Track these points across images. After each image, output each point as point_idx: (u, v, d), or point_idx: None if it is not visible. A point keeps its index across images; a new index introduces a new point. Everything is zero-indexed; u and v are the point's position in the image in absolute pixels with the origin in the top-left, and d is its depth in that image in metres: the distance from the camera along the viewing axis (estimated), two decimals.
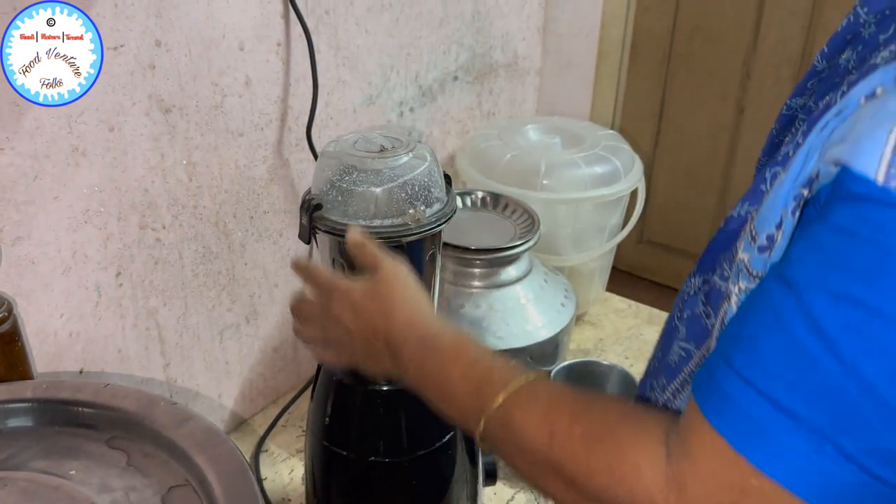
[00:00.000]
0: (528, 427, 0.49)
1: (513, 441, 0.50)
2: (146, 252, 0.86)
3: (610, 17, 1.84)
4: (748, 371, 0.38)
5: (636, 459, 0.42)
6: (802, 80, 0.55)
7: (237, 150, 0.92)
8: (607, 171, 1.19)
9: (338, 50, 1.01)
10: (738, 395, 0.38)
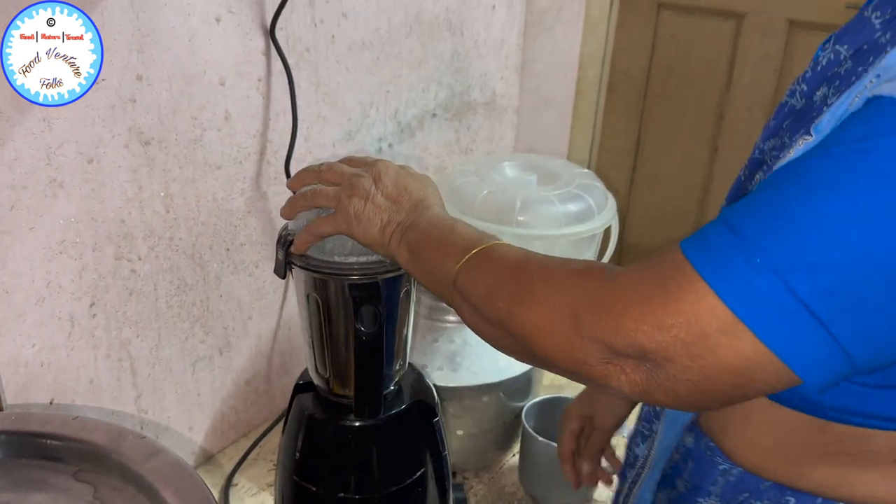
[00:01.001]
0: (476, 283, 0.56)
1: (468, 296, 0.57)
2: (121, 283, 0.86)
3: (587, 57, 1.88)
4: (735, 220, 0.43)
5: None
6: (775, 123, 0.57)
7: (215, 183, 0.93)
8: (581, 209, 1.21)
9: (318, 86, 1.03)
10: (720, 242, 0.43)
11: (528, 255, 0.56)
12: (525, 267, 0.54)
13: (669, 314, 0.43)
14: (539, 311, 0.50)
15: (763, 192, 0.45)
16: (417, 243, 0.63)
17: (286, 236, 0.72)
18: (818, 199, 0.41)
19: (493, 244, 0.59)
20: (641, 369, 0.45)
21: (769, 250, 0.41)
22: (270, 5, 0.91)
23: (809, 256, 0.40)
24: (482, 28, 1.31)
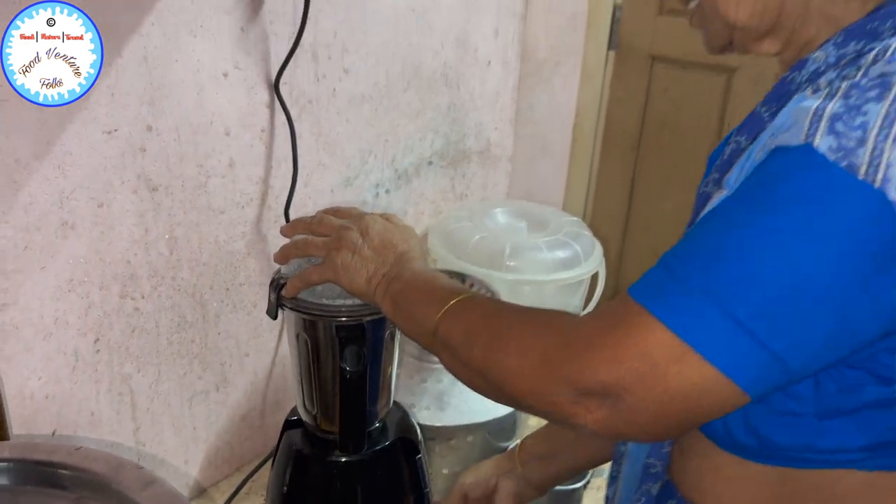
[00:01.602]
0: (455, 331, 0.62)
1: (448, 344, 0.62)
2: (124, 320, 0.91)
3: (584, 107, 1.95)
4: (672, 259, 0.50)
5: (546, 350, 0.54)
6: (723, 163, 0.63)
7: (217, 227, 0.99)
8: (569, 256, 1.26)
9: (319, 136, 1.09)
10: (661, 280, 0.49)
11: (501, 306, 0.62)
12: (498, 317, 0.59)
13: (623, 349, 0.49)
14: (511, 358, 0.55)
15: (693, 234, 0.51)
16: (401, 294, 0.68)
17: (278, 280, 0.77)
18: (739, 233, 0.48)
19: (471, 295, 0.64)
20: (605, 406, 0.50)
21: (705, 282, 0.47)
22: (276, 61, 0.98)
23: (738, 284, 0.47)
24: (478, 82, 1.38)
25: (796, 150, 0.47)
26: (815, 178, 0.46)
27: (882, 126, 0.45)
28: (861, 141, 0.45)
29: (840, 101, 0.47)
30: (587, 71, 1.91)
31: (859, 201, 0.45)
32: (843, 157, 0.45)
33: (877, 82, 0.47)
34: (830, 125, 0.46)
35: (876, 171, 0.45)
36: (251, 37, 0.94)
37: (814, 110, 0.47)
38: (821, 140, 0.46)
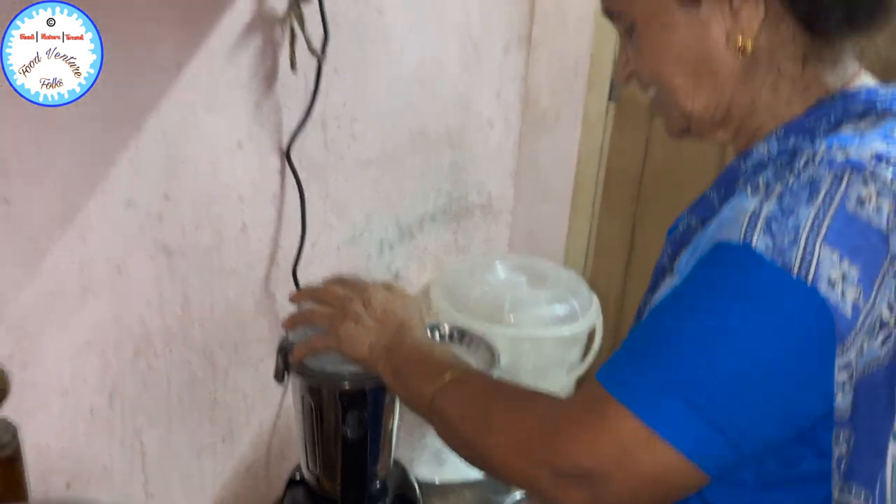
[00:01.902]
0: (448, 407, 0.66)
1: (441, 417, 0.67)
2: (138, 377, 0.95)
3: (585, 155, 2.00)
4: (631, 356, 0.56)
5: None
6: (676, 241, 0.68)
7: (228, 287, 1.03)
8: (567, 311, 1.30)
9: (326, 198, 1.14)
10: (627, 370, 0.55)
11: (491, 386, 0.67)
12: (488, 397, 0.65)
13: (598, 436, 0.54)
14: (498, 439, 0.60)
15: (652, 323, 0.57)
16: (400, 364, 0.73)
17: (286, 346, 0.82)
18: (692, 327, 0.53)
19: (464, 371, 0.69)
20: (584, 487, 0.55)
21: (666, 373, 0.53)
22: (287, 131, 1.03)
23: (695, 375, 0.52)
24: (480, 141, 1.43)
25: (737, 248, 0.52)
26: (754, 276, 0.51)
27: (812, 227, 0.50)
28: (794, 241, 0.50)
29: (775, 202, 0.52)
30: (588, 121, 1.96)
31: (795, 297, 0.50)
32: (778, 255, 0.50)
33: (807, 186, 0.52)
34: (766, 226, 0.51)
35: (808, 269, 0.50)
36: (265, 109, 0.99)
37: (751, 211, 0.52)
38: (758, 240, 0.51)
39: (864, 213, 0.50)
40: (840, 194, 0.51)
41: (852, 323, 0.50)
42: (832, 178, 0.51)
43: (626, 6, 0.63)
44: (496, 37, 1.39)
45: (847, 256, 0.50)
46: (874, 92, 0.60)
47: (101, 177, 0.85)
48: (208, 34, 0.90)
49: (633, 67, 0.66)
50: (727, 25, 0.60)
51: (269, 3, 0.95)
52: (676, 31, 0.61)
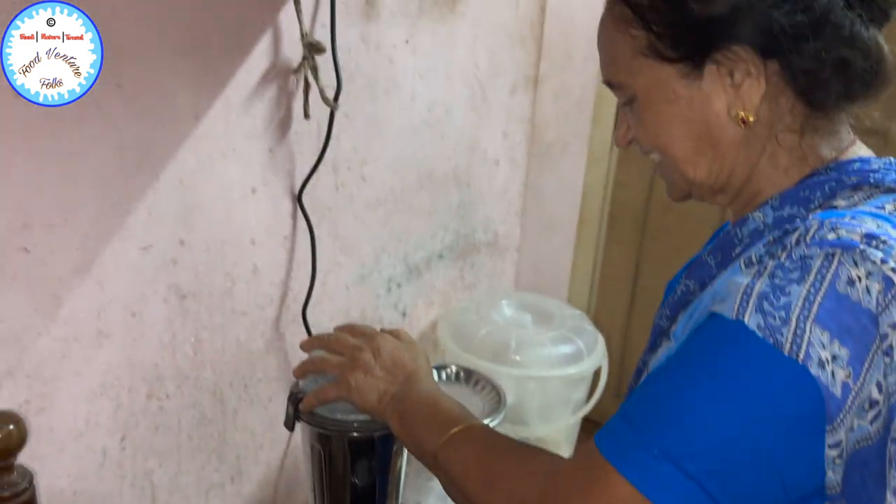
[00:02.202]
0: (452, 462, 0.68)
1: (445, 470, 0.68)
2: (150, 419, 0.97)
3: (590, 188, 2.02)
4: (632, 416, 0.56)
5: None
6: (674, 303, 0.69)
7: (240, 328, 1.05)
8: (572, 351, 1.31)
9: (336, 238, 1.16)
10: (624, 437, 0.55)
11: (494, 442, 0.68)
12: (490, 454, 0.66)
13: (595, 502, 0.55)
14: (498, 497, 0.61)
15: (648, 391, 0.58)
16: (407, 414, 0.74)
17: (296, 394, 0.83)
18: (688, 398, 0.54)
19: (469, 425, 0.70)
20: None
21: (663, 443, 0.54)
22: (299, 176, 1.05)
23: (690, 445, 0.53)
24: (487, 180, 1.45)
25: (730, 324, 0.53)
26: (747, 352, 0.53)
27: (803, 307, 0.51)
28: (785, 321, 0.51)
29: (767, 280, 0.53)
30: (594, 154, 1.99)
31: (786, 375, 0.51)
32: (769, 334, 0.52)
33: (798, 264, 0.53)
34: (759, 303, 0.52)
35: (799, 348, 0.51)
36: (278, 156, 1.02)
37: (744, 287, 0.54)
38: (750, 318, 0.52)
39: (855, 293, 0.51)
40: (831, 274, 0.52)
41: (842, 403, 0.51)
42: (823, 257, 0.52)
43: (628, 79, 0.64)
44: (504, 78, 1.41)
45: (837, 338, 0.51)
46: (868, 162, 0.62)
47: (119, 225, 0.87)
48: (225, 85, 0.93)
49: (635, 135, 0.67)
50: (728, 98, 0.61)
51: (284, 54, 0.98)
52: (678, 104, 0.62)
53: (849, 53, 0.59)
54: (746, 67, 0.60)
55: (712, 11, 0.59)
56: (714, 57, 0.60)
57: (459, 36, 1.26)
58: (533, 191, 1.71)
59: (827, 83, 0.60)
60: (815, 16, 0.58)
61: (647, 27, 0.62)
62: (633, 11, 0.62)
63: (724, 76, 0.61)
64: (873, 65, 0.60)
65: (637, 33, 0.62)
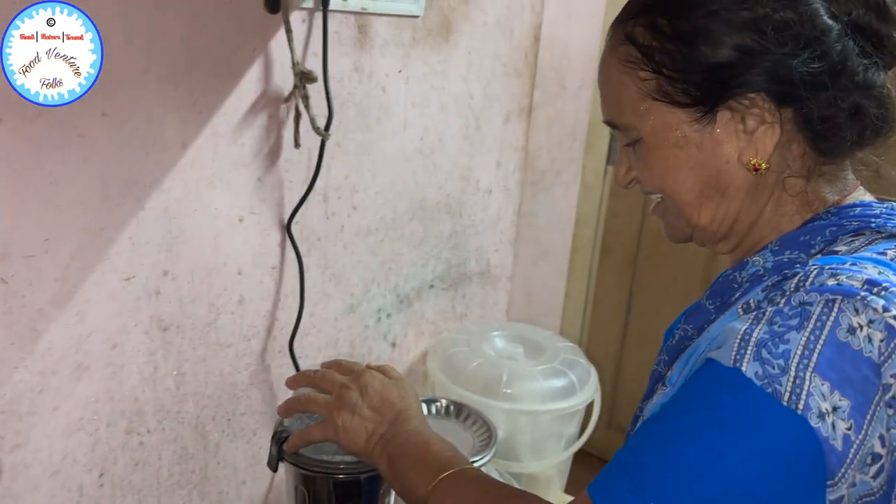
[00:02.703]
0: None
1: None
2: (129, 454, 0.94)
3: (583, 216, 2.01)
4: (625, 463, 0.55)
5: None
6: (671, 348, 0.67)
7: (223, 360, 1.02)
8: (564, 385, 1.29)
9: (325, 268, 1.14)
10: (617, 487, 0.53)
11: (486, 488, 0.65)
12: (483, 500, 0.63)
13: None
14: None
15: (644, 441, 0.56)
16: (396, 456, 0.72)
17: (280, 433, 0.80)
18: (684, 449, 0.52)
19: (461, 470, 0.68)
20: None
21: (656, 491, 0.52)
22: (289, 205, 1.04)
23: (686, 495, 0.51)
24: (479, 209, 1.44)
25: (727, 371, 0.51)
26: (743, 402, 0.50)
27: (802, 355, 0.49)
28: (784, 369, 0.49)
29: (765, 327, 0.51)
30: (587, 183, 1.98)
31: (784, 425, 0.49)
32: (768, 383, 0.50)
33: (798, 311, 0.51)
34: (757, 351, 0.50)
35: (798, 399, 0.49)
36: (267, 185, 1.00)
37: (742, 334, 0.52)
38: (748, 366, 0.50)
39: (856, 342, 0.49)
40: (831, 322, 0.50)
41: (843, 456, 0.49)
42: (823, 304, 0.51)
43: (635, 120, 0.62)
44: (497, 108, 1.40)
45: (838, 388, 0.49)
46: (869, 207, 0.60)
47: (101, 255, 0.85)
48: (214, 113, 0.91)
49: (638, 176, 0.65)
50: (741, 144, 0.59)
51: (275, 83, 0.96)
52: (688, 148, 0.60)
53: (863, 100, 0.58)
54: (761, 114, 0.58)
55: (724, 57, 0.57)
56: (728, 103, 0.58)
57: (453, 65, 1.25)
58: (526, 219, 1.71)
59: (841, 130, 0.59)
60: (832, 63, 0.57)
61: (657, 70, 0.60)
62: (641, 53, 0.60)
63: (737, 122, 0.59)
64: (885, 111, 0.59)
65: (646, 76, 0.60)
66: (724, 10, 0.57)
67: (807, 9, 0.57)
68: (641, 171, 0.64)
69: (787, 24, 0.56)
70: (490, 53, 1.33)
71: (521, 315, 1.73)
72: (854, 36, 0.57)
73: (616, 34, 0.63)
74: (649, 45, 0.60)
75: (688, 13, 0.58)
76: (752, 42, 0.57)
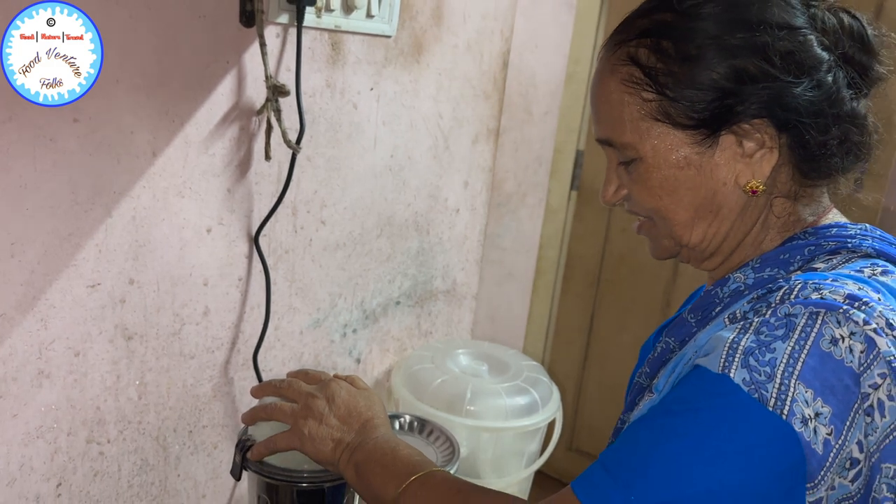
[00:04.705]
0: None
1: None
2: (88, 464, 0.93)
3: (547, 239, 2.05)
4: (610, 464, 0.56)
5: None
6: (654, 360, 0.69)
7: (187, 371, 1.02)
8: (527, 403, 1.30)
9: (292, 282, 1.15)
10: (601, 483, 0.55)
11: (458, 487, 0.66)
12: (455, 499, 0.64)
13: None
14: None
15: (629, 442, 0.57)
16: (363, 464, 0.72)
17: (245, 441, 0.80)
18: (670, 449, 0.54)
19: (429, 472, 0.68)
20: None
21: (639, 491, 0.53)
22: (258, 217, 1.04)
23: (669, 494, 0.53)
24: (447, 227, 1.46)
25: (716, 377, 0.53)
26: (731, 406, 0.53)
27: (787, 363, 0.52)
28: (770, 376, 0.52)
29: (752, 336, 0.54)
30: (551, 207, 2.02)
31: (769, 429, 0.52)
32: (754, 389, 0.52)
33: (783, 322, 0.54)
34: (744, 359, 0.53)
35: (783, 404, 0.51)
36: (236, 196, 1.01)
37: (730, 342, 0.54)
38: (736, 372, 0.53)
39: (838, 352, 0.52)
40: (815, 332, 0.53)
41: (823, 460, 0.51)
42: (808, 315, 0.53)
43: (635, 140, 0.62)
44: (466, 129, 1.43)
45: (821, 395, 0.51)
46: (844, 227, 0.63)
47: (67, 261, 0.84)
48: (185, 123, 0.92)
49: (631, 196, 0.65)
50: (738, 167, 0.61)
51: (248, 95, 0.97)
52: (688, 170, 0.61)
53: (849, 128, 0.61)
54: (762, 139, 0.60)
55: (729, 82, 0.59)
56: (732, 128, 0.60)
57: (423, 85, 1.28)
58: (491, 241, 1.73)
59: (831, 156, 0.61)
60: (829, 91, 0.59)
61: (660, 92, 0.60)
62: (645, 74, 0.61)
63: (737, 146, 0.61)
64: (866, 139, 0.62)
65: (650, 97, 0.61)
66: (728, 36, 0.59)
67: (803, 39, 0.59)
68: (636, 191, 0.64)
69: (790, 52, 0.58)
70: (460, 76, 1.36)
71: (485, 334, 1.75)
72: (844, 67, 0.60)
73: (616, 54, 0.63)
74: (654, 66, 0.60)
75: (693, 37, 0.60)
76: (755, 69, 0.58)
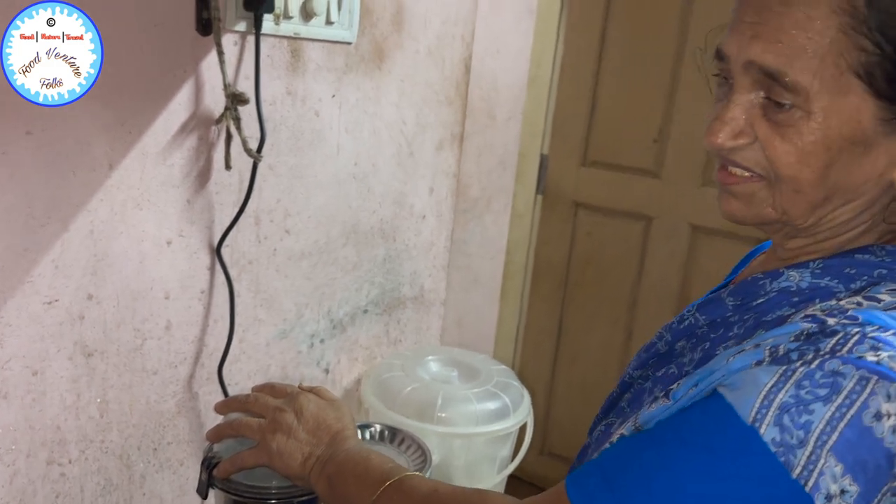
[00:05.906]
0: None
1: None
2: (49, 486, 0.90)
3: (514, 244, 2.05)
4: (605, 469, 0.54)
5: None
6: (645, 356, 0.69)
7: (149, 388, 0.99)
8: (498, 407, 1.30)
9: (257, 293, 1.13)
10: (598, 493, 0.53)
11: (435, 488, 0.64)
12: (433, 499, 0.62)
13: None
14: None
15: (632, 451, 0.55)
16: (335, 476, 0.71)
17: (211, 458, 0.78)
18: (675, 483, 0.52)
19: (404, 476, 0.67)
20: None
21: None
22: (219, 227, 1.02)
23: None
24: (413, 234, 1.45)
25: (744, 428, 0.49)
26: (754, 466, 0.50)
27: (823, 431, 0.48)
28: (802, 442, 0.48)
29: (792, 389, 0.49)
30: (517, 211, 2.02)
31: (788, 499, 0.49)
32: (783, 452, 0.49)
33: (829, 381, 0.49)
34: (779, 415, 0.49)
35: (809, 475, 0.48)
36: (196, 207, 0.99)
37: (766, 392, 0.50)
38: (767, 429, 0.49)
39: (879, 429, 0.48)
40: (860, 402, 0.48)
41: None
42: (857, 379, 0.48)
43: (815, 87, 0.52)
44: (430, 135, 1.43)
45: (850, 472, 0.48)
46: None
47: (22, 277, 0.82)
48: (142, 134, 0.90)
49: (754, 145, 0.55)
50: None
51: (206, 104, 0.96)
52: (856, 146, 0.53)
53: None
54: None
55: None
56: None
57: (385, 92, 1.27)
58: (458, 245, 1.73)
59: None
60: None
61: (880, 46, 0.50)
62: (877, 20, 0.50)
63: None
64: None
65: (866, 46, 0.50)
66: None
67: None
68: (774, 143, 0.54)
69: None
70: (422, 81, 1.36)
71: (454, 340, 1.74)
72: None
73: None
74: (889, 11, 0.50)
75: None
76: None
